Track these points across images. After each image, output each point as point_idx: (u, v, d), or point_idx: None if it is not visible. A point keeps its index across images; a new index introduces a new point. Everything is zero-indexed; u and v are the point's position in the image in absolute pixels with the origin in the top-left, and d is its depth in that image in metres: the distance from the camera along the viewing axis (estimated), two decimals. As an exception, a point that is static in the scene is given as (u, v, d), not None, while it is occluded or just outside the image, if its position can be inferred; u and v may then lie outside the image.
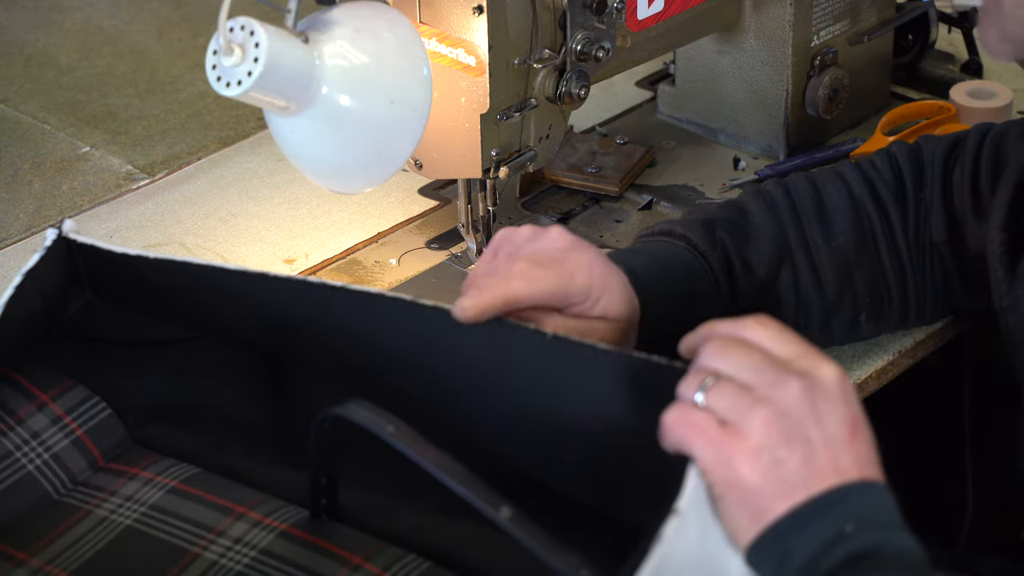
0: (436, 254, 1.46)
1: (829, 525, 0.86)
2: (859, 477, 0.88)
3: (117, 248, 1.05)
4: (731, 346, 0.91)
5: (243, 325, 1.09)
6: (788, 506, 0.87)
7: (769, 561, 0.87)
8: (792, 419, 0.88)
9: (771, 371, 0.89)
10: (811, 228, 1.22)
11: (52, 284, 1.08)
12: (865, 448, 0.89)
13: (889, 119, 1.59)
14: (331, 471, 1.02)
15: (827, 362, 0.90)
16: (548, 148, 1.37)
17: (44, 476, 1.07)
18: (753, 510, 0.87)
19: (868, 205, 1.23)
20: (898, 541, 0.87)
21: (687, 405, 0.90)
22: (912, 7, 1.66)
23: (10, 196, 1.59)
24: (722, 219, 1.21)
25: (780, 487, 0.87)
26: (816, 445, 0.88)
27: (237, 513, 1.04)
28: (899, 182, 1.24)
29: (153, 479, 1.08)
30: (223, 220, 1.52)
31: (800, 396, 0.88)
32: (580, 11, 1.31)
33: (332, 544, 1.01)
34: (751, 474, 0.87)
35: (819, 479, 0.87)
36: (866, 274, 1.22)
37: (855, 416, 0.90)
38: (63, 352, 1.12)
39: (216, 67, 1.14)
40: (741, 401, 0.88)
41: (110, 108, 1.75)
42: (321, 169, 1.23)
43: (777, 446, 0.87)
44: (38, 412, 1.09)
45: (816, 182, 1.25)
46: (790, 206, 1.23)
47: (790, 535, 0.87)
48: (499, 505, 0.87)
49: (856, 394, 0.91)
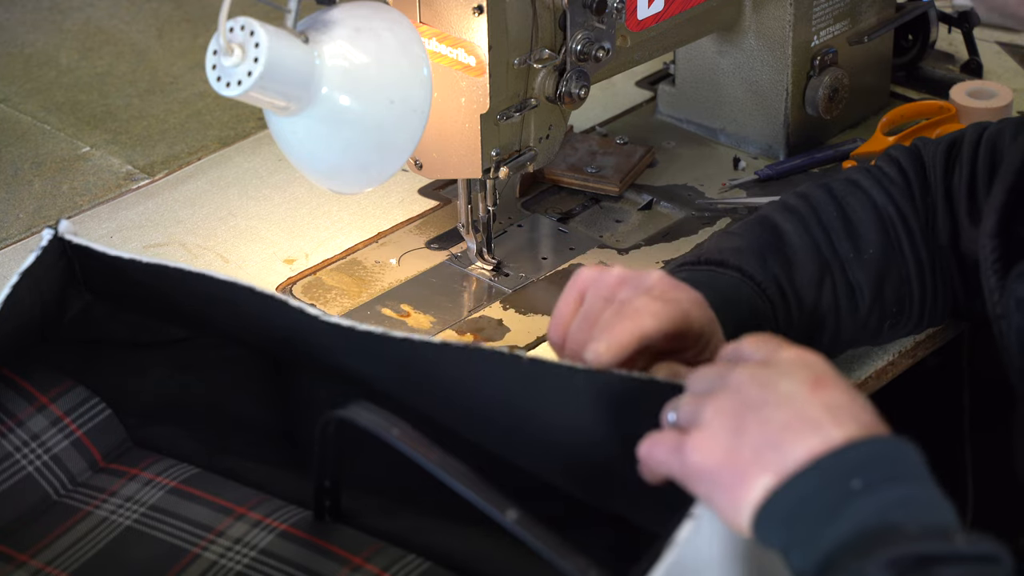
0: (436, 254, 1.46)
1: (830, 484, 0.82)
2: (854, 434, 0.84)
3: (111, 251, 1.05)
4: (705, 368, 0.91)
5: (238, 329, 1.09)
6: (762, 471, 0.84)
7: (777, 530, 0.84)
8: (741, 394, 0.86)
9: (722, 368, 0.89)
10: (841, 244, 1.20)
11: (50, 285, 1.08)
12: (837, 397, 0.86)
13: (889, 119, 1.59)
14: (335, 473, 1.02)
15: (790, 348, 0.89)
16: (548, 148, 1.37)
17: (44, 477, 1.07)
18: (726, 487, 0.85)
19: (890, 212, 1.22)
20: (914, 501, 0.82)
21: (656, 436, 0.89)
22: (912, 7, 1.66)
23: (10, 196, 1.59)
24: (768, 245, 1.19)
25: (746, 455, 0.84)
26: (771, 406, 0.85)
27: (237, 513, 1.04)
28: (908, 186, 1.24)
29: (153, 479, 1.08)
30: (223, 220, 1.52)
31: (747, 376, 0.87)
32: (580, 11, 1.31)
33: (332, 544, 1.01)
34: (711, 455, 0.85)
35: (789, 435, 0.84)
36: (894, 283, 1.21)
37: (817, 376, 0.86)
38: (62, 353, 1.12)
39: (216, 67, 1.14)
40: (694, 404, 0.88)
41: (110, 108, 1.75)
42: (321, 169, 1.23)
43: (730, 422, 0.85)
44: (37, 413, 1.09)
45: (836, 194, 1.23)
46: (818, 221, 1.21)
47: (791, 499, 0.83)
48: (505, 508, 0.87)
49: (824, 364, 0.88)
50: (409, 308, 1.39)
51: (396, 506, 1.05)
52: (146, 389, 1.13)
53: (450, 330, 1.36)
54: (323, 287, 1.41)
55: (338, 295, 1.40)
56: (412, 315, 1.38)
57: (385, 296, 1.40)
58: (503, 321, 1.37)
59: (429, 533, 1.02)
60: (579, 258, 1.44)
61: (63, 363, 1.12)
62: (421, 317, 1.37)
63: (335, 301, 1.39)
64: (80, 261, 1.08)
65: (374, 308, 1.38)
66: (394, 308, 1.39)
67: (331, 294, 1.40)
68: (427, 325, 1.36)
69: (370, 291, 1.41)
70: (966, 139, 1.24)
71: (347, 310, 1.38)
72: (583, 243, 1.47)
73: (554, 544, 0.85)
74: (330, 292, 1.41)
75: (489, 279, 1.42)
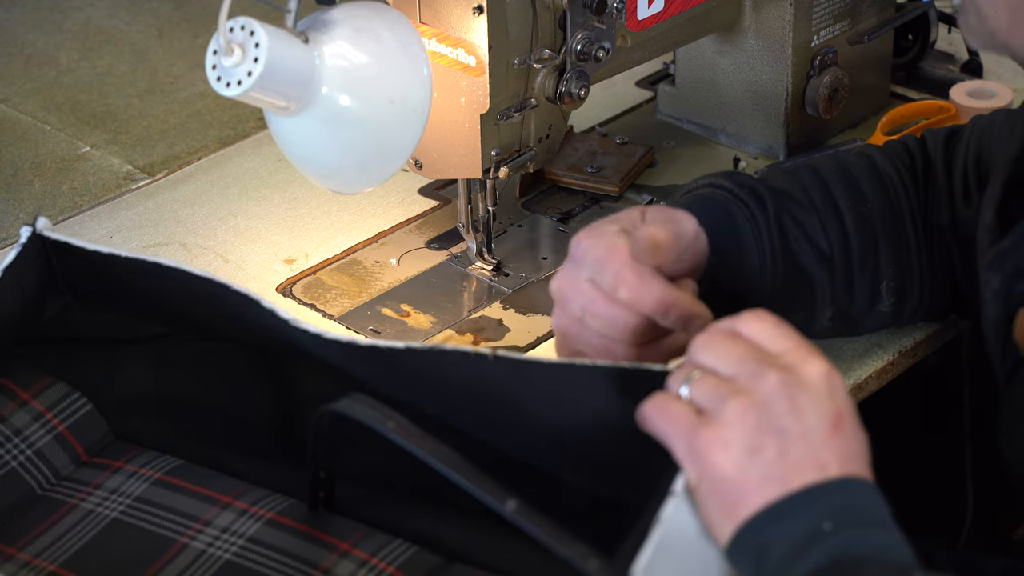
0: (436, 254, 1.46)
1: (804, 522, 0.85)
2: (840, 474, 0.87)
3: (89, 245, 1.06)
4: (719, 339, 0.91)
5: (218, 323, 1.09)
6: (762, 500, 0.86)
7: (747, 557, 0.87)
8: (768, 410, 0.87)
9: (752, 363, 0.89)
10: (839, 192, 1.19)
11: (30, 282, 1.08)
12: (849, 444, 0.88)
13: (889, 119, 1.59)
14: (329, 465, 1.02)
15: (815, 358, 0.90)
16: (548, 148, 1.37)
17: (28, 472, 1.08)
18: (726, 501, 0.87)
19: (892, 177, 1.22)
20: (877, 539, 0.86)
21: (666, 396, 0.90)
22: (912, 7, 1.66)
23: (10, 196, 1.59)
24: (761, 182, 1.19)
25: (754, 479, 0.86)
26: (792, 438, 0.87)
27: (223, 503, 1.04)
28: (913, 164, 1.24)
29: (137, 471, 1.08)
30: (223, 220, 1.52)
31: (778, 388, 0.88)
32: (580, 11, 1.31)
33: (319, 531, 1.02)
34: (724, 463, 0.86)
35: (796, 473, 0.86)
36: (891, 243, 1.20)
37: (839, 411, 0.88)
38: (42, 350, 1.13)
39: (216, 67, 1.14)
40: (719, 391, 0.88)
41: (110, 108, 1.75)
42: (321, 169, 1.23)
43: (751, 436, 0.87)
44: (19, 409, 1.10)
45: (839, 156, 1.24)
46: (814, 172, 1.21)
47: (765, 530, 0.86)
48: (505, 498, 0.87)
49: (844, 391, 0.90)
50: (409, 308, 1.39)
51: (381, 495, 1.05)
52: (127, 383, 1.13)
53: (450, 330, 1.36)
54: (323, 287, 1.41)
55: (338, 295, 1.40)
56: (412, 315, 1.38)
57: (385, 296, 1.40)
58: (503, 321, 1.37)
59: (414, 519, 1.03)
60: (579, 258, 1.44)
61: (43, 360, 1.13)
62: (421, 317, 1.37)
63: (335, 301, 1.39)
64: (59, 257, 1.09)
65: (374, 308, 1.38)
66: (394, 308, 1.39)
67: (331, 294, 1.40)
68: (427, 325, 1.36)
69: (370, 291, 1.41)
70: (966, 129, 1.25)
71: (347, 310, 1.38)
72: (583, 243, 1.47)
73: (554, 532, 0.86)
74: (330, 292, 1.41)
75: (489, 279, 1.42)
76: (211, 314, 1.07)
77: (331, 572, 0.99)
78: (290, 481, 1.05)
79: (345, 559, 0.99)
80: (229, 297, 1.02)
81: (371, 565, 0.99)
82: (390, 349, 0.97)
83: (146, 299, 1.09)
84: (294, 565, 0.99)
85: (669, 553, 0.85)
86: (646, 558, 0.84)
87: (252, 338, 1.08)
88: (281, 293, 1.40)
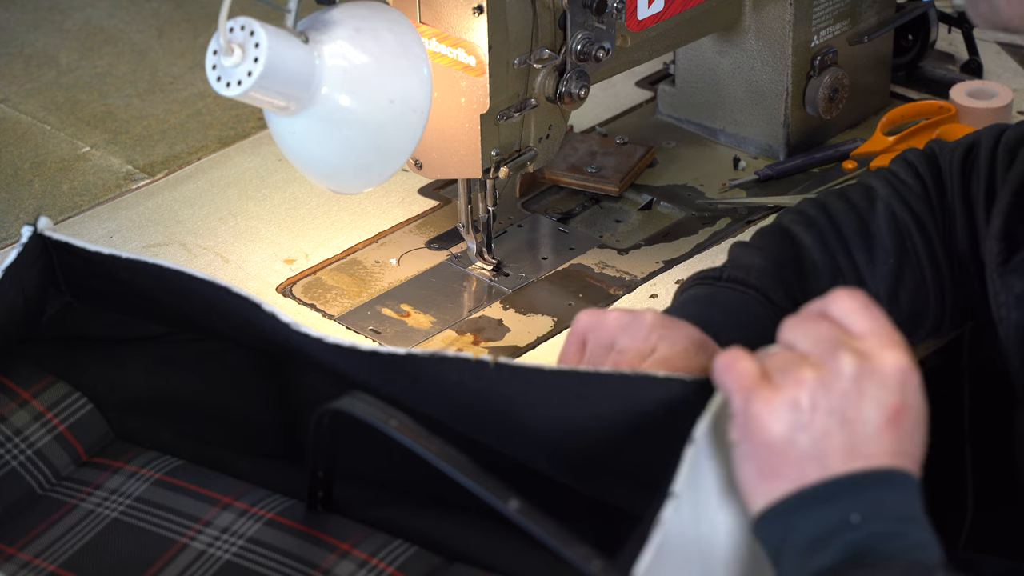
0: (436, 254, 1.46)
1: (833, 511, 0.85)
2: (884, 465, 0.87)
3: (90, 246, 1.06)
4: (805, 319, 0.91)
5: (218, 325, 1.09)
6: (798, 479, 0.86)
7: (772, 535, 0.87)
8: (829, 390, 0.87)
9: (830, 343, 0.89)
10: (860, 255, 1.20)
11: (31, 282, 1.08)
12: (902, 441, 0.88)
13: (889, 119, 1.59)
14: (328, 464, 1.02)
15: (895, 349, 0.89)
16: (548, 148, 1.37)
17: (28, 472, 1.08)
18: (762, 468, 0.87)
19: (907, 221, 1.21)
20: (905, 535, 0.86)
21: (741, 352, 0.90)
22: (912, 7, 1.66)
23: (10, 196, 1.59)
24: (788, 259, 1.19)
25: (792, 454, 0.86)
26: (843, 423, 0.87)
27: (223, 503, 1.04)
28: (926, 192, 1.22)
29: (137, 472, 1.08)
30: (223, 220, 1.52)
31: (848, 371, 0.88)
32: (580, 11, 1.31)
33: (319, 531, 1.02)
34: (770, 429, 0.87)
35: (836, 459, 0.86)
36: (909, 291, 1.20)
37: (901, 406, 0.88)
38: (43, 350, 1.13)
39: (216, 67, 1.14)
40: (790, 362, 0.89)
41: (110, 108, 1.75)
42: (321, 169, 1.23)
43: (803, 411, 0.87)
44: (20, 409, 1.10)
45: (854, 203, 1.22)
46: (837, 234, 1.21)
47: (793, 515, 0.86)
48: (508, 498, 0.87)
49: (917, 389, 0.89)
50: (409, 308, 1.39)
51: (380, 495, 1.05)
52: (127, 383, 1.13)
53: (450, 330, 1.36)
54: (323, 287, 1.41)
55: (338, 295, 1.40)
56: (412, 315, 1.38)
57: (385, 296, 1.40)
58: (503, 321, 1.37)
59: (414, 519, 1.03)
60: (579, 258, 1.44)
61: (43, 360, 1.13)
62: (421, 317, 1.37)
63: (335, 301, 1.39)
64: (59, 257, 1.09)
65: (374, 308, 1.38)
66: (394, 308, 1.39)
67: (331, 294, 1.40)
68: (427, 325, 1.36)
69: (370, 291, 1.41)
70: (983, 144, 1.22)
71: (347, 310, 1.38)
72: (583, 243, 1.47)
73: (557, 533, 0.86)
74: (330, 292, 1.41)
75: (489, 279, 1.42)
76: (212, 315, 1.07)
77: (331, 572, 0.99)
78: (290, 482, 1.05)
79: (345, 559, 0.99)
80: (230, 300, 1.02)
81: (371, 565, 0.99)
82: (391, 355, 0.97)
83: (147, 299, 1.09)
84: (294, 565, 0.99)
85: (670, 555, 0.86)
86: (647, 560, 0.84)
87: (253, 340, 1.08)
88: (281, 293, 1.40)
